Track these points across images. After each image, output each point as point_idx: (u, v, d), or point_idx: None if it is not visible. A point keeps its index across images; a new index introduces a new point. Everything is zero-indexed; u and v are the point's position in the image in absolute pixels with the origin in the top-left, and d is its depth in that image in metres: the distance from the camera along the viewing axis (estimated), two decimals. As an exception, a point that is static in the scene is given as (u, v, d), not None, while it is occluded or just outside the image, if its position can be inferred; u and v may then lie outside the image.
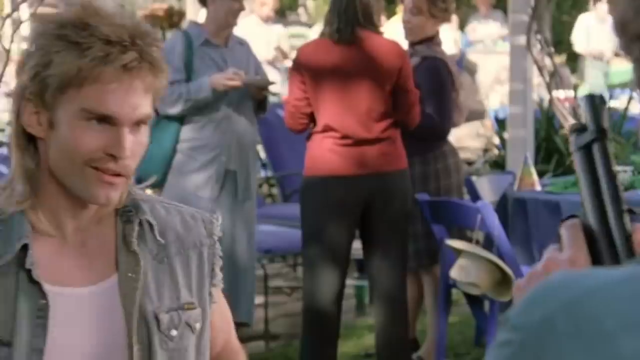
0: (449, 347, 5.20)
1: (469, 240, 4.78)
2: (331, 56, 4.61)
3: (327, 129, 4.61)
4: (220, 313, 1.95)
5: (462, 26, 13.65)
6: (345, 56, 4.60)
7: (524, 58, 5.96)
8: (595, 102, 1.12)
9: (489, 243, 4.57)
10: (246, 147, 5.23)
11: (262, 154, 7.46)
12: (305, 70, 4.64)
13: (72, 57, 1.68)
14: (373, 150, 4.61)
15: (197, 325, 1.85)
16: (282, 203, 7.16)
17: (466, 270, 4.45)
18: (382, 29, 4.73)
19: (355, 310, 6.37)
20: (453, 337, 5.45)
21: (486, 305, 4.86)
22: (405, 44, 5.03)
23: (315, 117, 4.66)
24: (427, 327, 5.39)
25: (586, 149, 1.11)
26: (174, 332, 1.81)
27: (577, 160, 1.12)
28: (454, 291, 4.96)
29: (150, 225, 1.82)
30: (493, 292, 4.47)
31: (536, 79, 6.76)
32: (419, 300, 5.37)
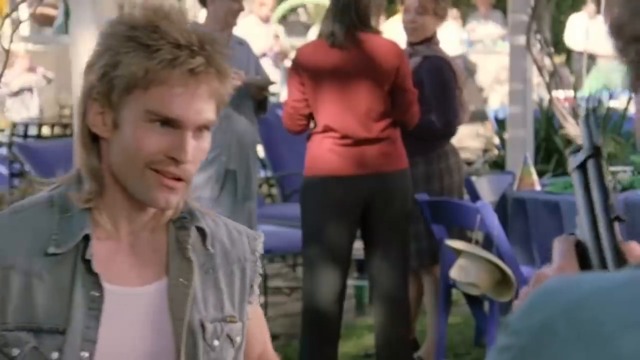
0: (449, 347, 5.20)
1: (468, 240, 4.77)
2: (329, 57, 4.61)
3: (326, 129, 4.61)
4: (258, 323, 1.96)
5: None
6: (343, 57, 4.60)
7: (524, 58, 5.96)
8: (589, 122, 1.16)
9: (488, 243, 4.57)
10: (246, 147, 5.23)
11: (262, 154, 7.46)
12: (304, 71, 4.64)
13: (140, 58, 1.69)
14: (373, 150, 4.61)
15: (238, 339, 1.86)
16: (282, 203, 7.16)
17: (466, 270, 4.45)
18: (380, 29, 4.73)
19: (354, 310, 6.37)
20: (453, 337, 5.45)
21: (486, 305, 4.86)
22: (403, 44, 5.02)
23: (314, 118, 4.66)
24: (426, 327, 5.38)
25: (582, 167, 1.16)
26: (216, 343, 1.82)
27: (574, 179, 1.16)
28: (453, 291, 4.96)
29: (203, 234, 1.83)
30: (493, 293, 4.47)
31: (536, 79, 6.75)
32: (418, 300, 5.37)
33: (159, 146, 1.71)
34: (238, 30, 5.58)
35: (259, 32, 10.18)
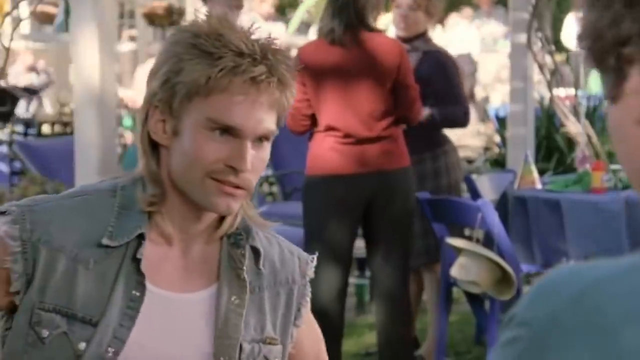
0: (449, 345, 5.20)
1: (468, 238, 4.77)
2: (330, 56, 4.60)
3: (328, 128, 4.60)
4: (310, 334, 1.95)
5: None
6: (344, 56, 4.60)
7: (525, 56, 5.96)
8: None
9: (489, 241, 4.57)
10: None
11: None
12: (305, 71, 4.62)
13: (202, 65, 1.69)
14: (375, 149, 4.61)
15: None
16: (283, 201, 7.16)
17: (466, 268, 4.45)
18: (380, 27, 4.73)
19: (355, 309, 6.37)
20: (453, 336, 5.45)
21: (486, 303, 4.85)
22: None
23: (316, 118, 4.66)
24: (427, 325, 5.38)
25: None
26: None
27: None
28: (454, 290, 4.95)
29: (257, 253, 1.83)
30: (493, 291, 4.47)
31: (537, 77, 6.75)
32: (418, 298, 5.38)
33: (219, 155, 1.70)
34: None
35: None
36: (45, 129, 12.54)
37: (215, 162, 1.70)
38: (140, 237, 1.74)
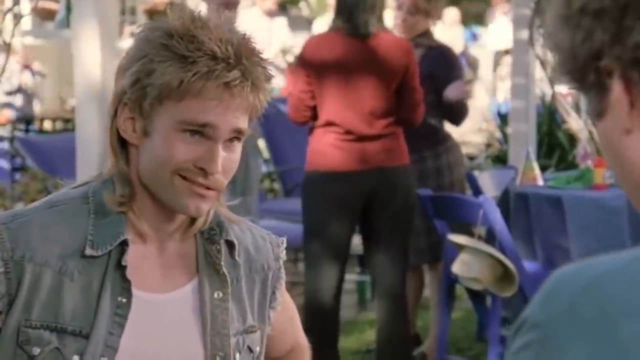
0: (451, 342, 5.20)
1: (470, 235, 4.77)
2: (337, 51, 4.59)
3: (329, 124, 4.59)
4: (286, 314, 1.94)
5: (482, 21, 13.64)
6: (351, 51, 4.59)
7: (527, 52, 5.95)
8: None
9: (491, 238, 4.57)
10: (245, 140, 5.24)
11: (264, 149, 7.45)
12: (311, 63, 4.62)
13: (175, 68, 1.66)
14: (376, 146, 4.60)
15: (257, 349, 1.85)
16: (284, 198, 7.15)
17: (468, 265, 4.44)
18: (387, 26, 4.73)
19: (356, 306, 6.37)
20: (455, 332, 5.44)
21: (488, 300, 4.85)
22: None
23: (317, 111, 4.65)
24: (429, 322, 5.38)
25: None
26: (237, 357, 1.80)
27: None
28: (456, 286, 4.95)
29: (231, 245, 1.81)
30: (495, 287, 4.47)
31: (538, 74, 6.74)
32: (417, 295, 5.37)
33: (189, 156, 1.68)
34: (241, 23, 5.58)
35: (261, 25, 10.16)
36: (47, 125, 12.53)
37: (185, 163, 1.68)
38: (123, 244, 1.72)
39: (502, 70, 12.24)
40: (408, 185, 4.67)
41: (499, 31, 12.62)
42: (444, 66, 5.14)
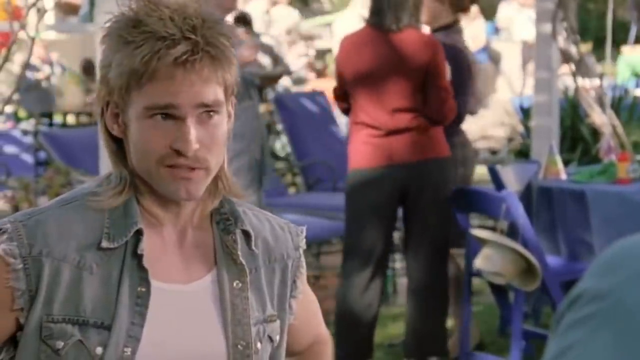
0: (473, 337, 5.19)
1: (492, 229, 4.76)
2: (367, 49, 4.69)
3: (359, 122, 4.71)
4: (308, 306, 1.94)
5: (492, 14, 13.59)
6: (379, 47, 4.66)
7: (550, 46, 5.93)
8: None
9: (513, 232, 4.56)
10: (265, 136, 5.29)
11: (286, 144, 7.46)
12: (343, 62, 4.73)
13: (125, 56, 1.66)
14: (402, 140, 4.64)
15: (277, 338, 1.84)
16: (306, 192, 7.16)
17: (491, 259, 4.44)
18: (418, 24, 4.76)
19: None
20: (478, 327, 5.43)
21: (511, 295, 4.84)
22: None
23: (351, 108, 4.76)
24: (450, 317, 5.36)
25: None
26: (259, 345, 1.80)
27: None
28: (478, 280, 4.94)
29: (248, 235, 1.81)
30: (518, 282, 4.46)
31: (562, 67, 6.72)
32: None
33: (164, 140, 1.67)
34: (252, 12, 5.61)
35: (275, 15, 10.15)
36: (70, 119, 12.59)
37: (163, 148, 1.67)
38: (138, 233, 1.72)
39: (531, 66, 12.20)
40: (439, 179, 4.69)
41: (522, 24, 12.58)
42: (451, 68, 5.08)
